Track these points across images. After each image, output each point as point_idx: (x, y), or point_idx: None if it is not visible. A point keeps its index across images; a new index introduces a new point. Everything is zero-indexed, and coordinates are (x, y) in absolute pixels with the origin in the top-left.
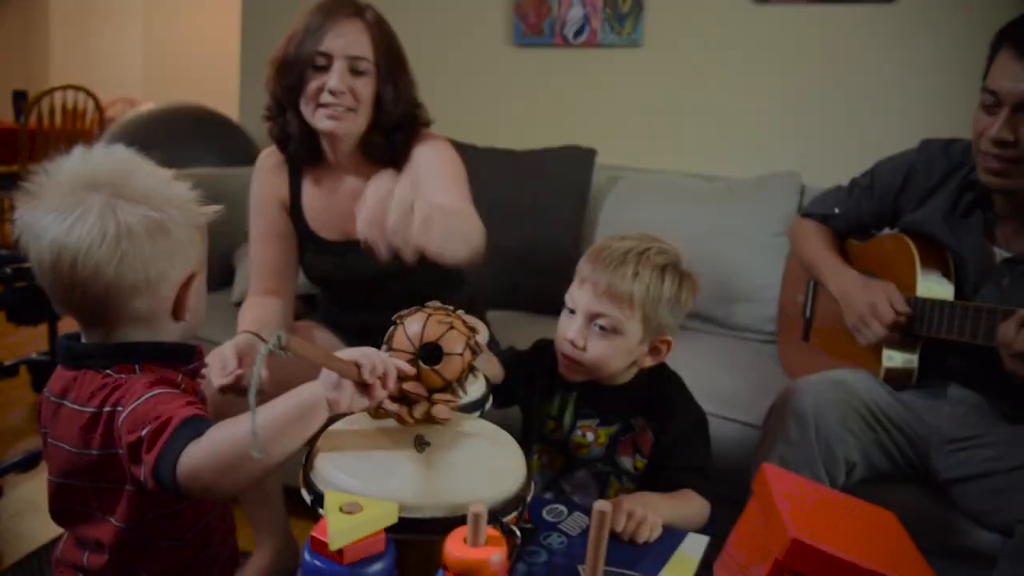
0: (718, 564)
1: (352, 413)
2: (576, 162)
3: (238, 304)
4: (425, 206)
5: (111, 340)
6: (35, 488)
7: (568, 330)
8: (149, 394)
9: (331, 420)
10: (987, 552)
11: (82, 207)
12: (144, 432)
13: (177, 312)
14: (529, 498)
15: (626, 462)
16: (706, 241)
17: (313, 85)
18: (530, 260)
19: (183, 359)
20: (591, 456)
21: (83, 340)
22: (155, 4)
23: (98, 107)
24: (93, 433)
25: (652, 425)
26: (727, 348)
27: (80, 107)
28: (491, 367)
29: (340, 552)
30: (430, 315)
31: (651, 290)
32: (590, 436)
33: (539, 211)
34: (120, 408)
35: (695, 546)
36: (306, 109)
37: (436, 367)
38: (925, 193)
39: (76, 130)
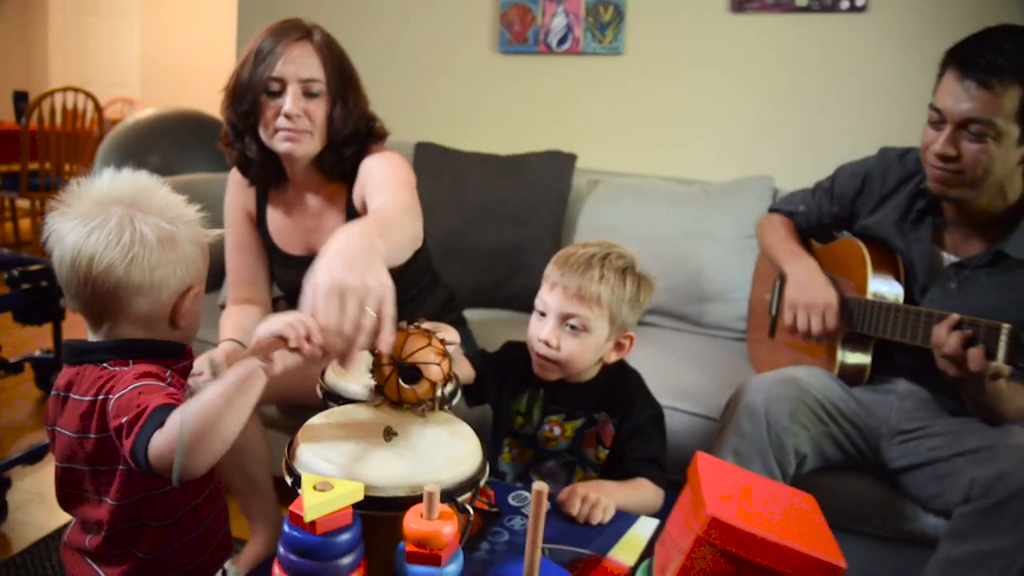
0: (658, 543)
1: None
2: (557, 166)
3: (224, 306)
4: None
5: (112, 338)
6: (41, 480)
7: (541, 332)
8: (135, 384)
9: (318, 408)
10: (933, 536)
11: (103, 217)
12: (125, 420)
13: (174, 318)
14: (483, 482)
15: (590, 453)
16: (681, 243)
17: (270, 110)
18: (512, 260)
19: (173, 356)
20: (558, 448)
21: (88, 339)
22: (152, 5)
23: (97, 108)
24: (90, 420)
25: (613, 419)
26: (698, 346)
27: (80, 108)
28: (463, 368)
29: (313, 524)
30: (409, 334)
31: (615, 291)
32: (557, 430)
33: (521, 213)
34: (111, 396)
35: (645, 528)
36: (264, 133)
37: (413, 385)
38: (880, 199)
39: (76, 131)
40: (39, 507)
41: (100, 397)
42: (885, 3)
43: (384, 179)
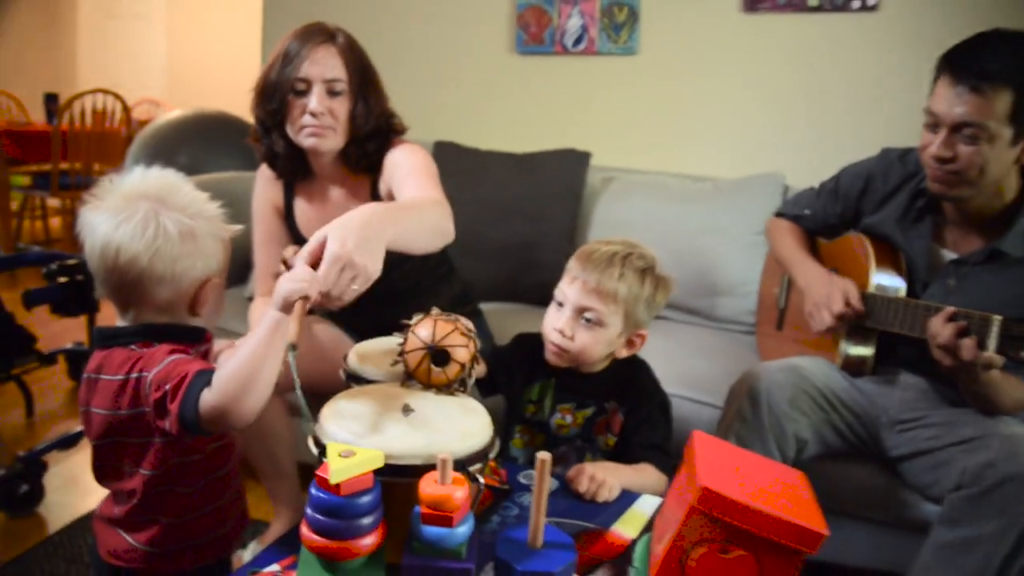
0: (657, 517)
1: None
2: (572, 164)
3: (251, 298)
4: None
5: (138, 323)
6: (74, 465)
7: (557, 322)
8: (169, 359)
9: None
10: (932, 523)
11: (130, 211)
12: (168, 387)
13: (193, 306)
14: (492, 455)
15: (599, 440)
16: (693, 238)
17: (296, 108)
18: (527, 255)
19: (195, 339)
20: (570, 435)
21: (116, 324)
22: (178, 7)
23: (125, 109)
24: (122, 396)
25: (622, 408)
26: (708, 338)
27: (109, 109)
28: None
29: (338, 486)
30: (436, 320)
31: (632, 289)
32: (568, 418)
33: (536, 210)
34: (145, 373)
35: (648, 505)
36: (291, 129)
37: (442, 368)
38: (883, 198)
39: (105, 131)
40: (73, 490)
41: (133, 375)
42: (896, 2)
43: (412, 171)
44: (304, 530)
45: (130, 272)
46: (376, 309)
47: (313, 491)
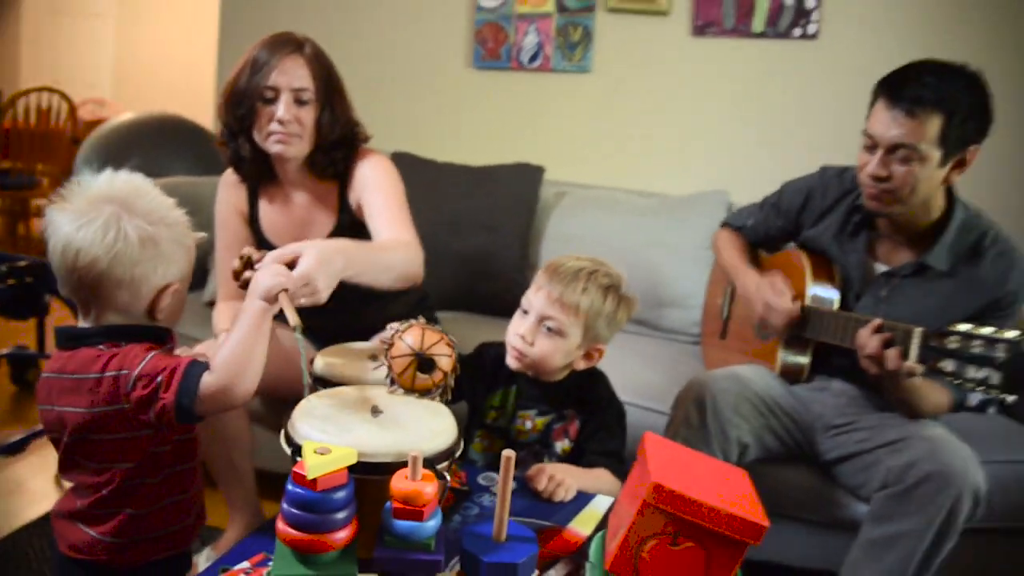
0: (612, 514)
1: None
2: (526, 178)
3: (209, 303)
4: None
5: (100, 324)
6: (20, 471)
7: (520, 328)
8: (150, 355)
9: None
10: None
11: (94, 214)
12: (159, 379)
13: (151, 311)
14: (458, 453)
15: (557, 445)
16: (641, 251)
17: (264, 115)
18: (482, 266)
19: (159, 339)
20: (529, 440)
21: (79, 326)
22: (128, 8)
23: (71, 109)
24: (96, 393)
25: (580, 415)
26: (654, 348)
27: (54, 108)
28: None
29: (315, 482)
30: (424, 329)
31: (594, 304)
32: (529, 424)
33: (491, 222)
34: (126, 371)
35: (601, 505)
36: (259, 136)
37: (429, 373)
38: (821, 213)
39: (49, 130)
40: (19, 497)
41: (109, 373)
42: (834, 33)
43: (386, 201)
44: (280, 524)
45: (89, 274)
46: (337, 314)
47: (290, 487)
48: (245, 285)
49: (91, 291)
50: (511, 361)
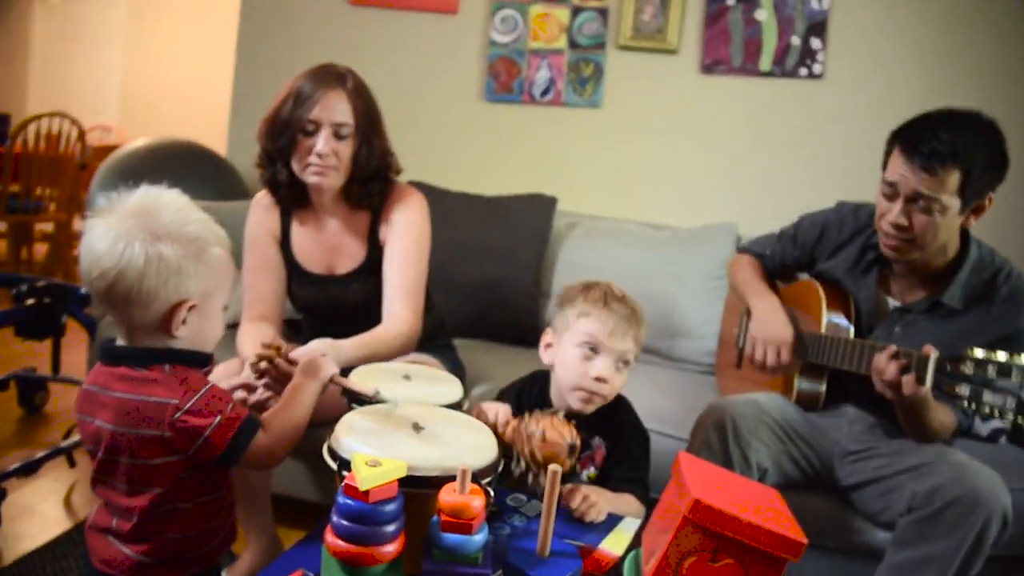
0: (645, 532)
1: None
2: (539, 208)
3: (231, 326)
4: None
5: (132, 343)
6: (34, 493)
7: (599, 370)
8: (205, 388)
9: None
10: (881, 548)
11: (111, 228)
12: (216, 419)
13: (166, 328)
14: (500, 468)
15: (584, 474)
16: (652, 282)
17: (304, 147)
18: (495, 294)
19: (200, 363)
20: None
21: (118, 342)
22: (137, 33)
23: (80, 134)
24: (133, 416)
25: (606, 442)
26: (668, 377)
27: (64, 133)
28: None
29: (367, 493)
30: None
31: (643, 332)
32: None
33: (504, 251)
34: (171, 400)
35: (630, 526)
36: (297, 165)
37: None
38: (836, 247)
39: (58, 155)
40: (31, 519)
41: (152, 399)
42: (840, 73)
43: (402, 269)
44: (329, 537)
45: (100, 287)
46: (362, 330)
47: (341, 499)
48: (266, 374)
49: (111, 305)
50: (584, 406)
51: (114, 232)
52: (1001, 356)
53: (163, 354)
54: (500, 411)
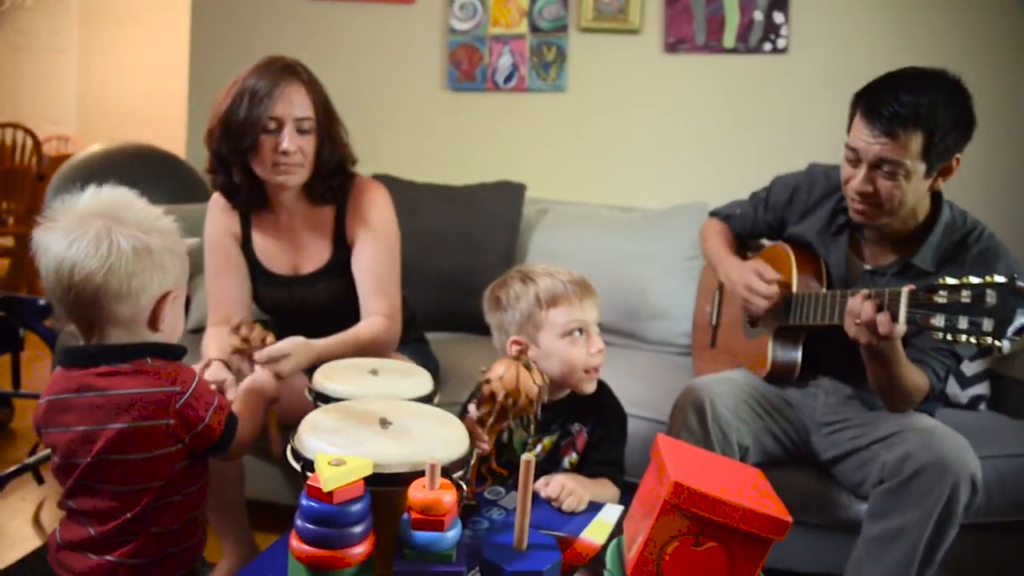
0: (626, 520)
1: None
2: (507, 196)
3: (193, 331)
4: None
5: (105, 342)
6: (1, 511)
7: (595, 345)
8: (197, 378)
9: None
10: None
11: (83, 229)
12: (213, 404)
13: (153, 322)
14: (473, 461)
15: (565, 460)
16: (625, 265)
17: (267, 146)
18: (466, 285)
19: (176, 356)
20: (538, 460)
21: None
22: (90, 42)
23: (36, 145)
24: (144, 408)
25: (586, 427)
26: (642, 360)
27: (19, 144)
28: None
29: (331, 494)
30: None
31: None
32: (538, 447)
33: (474, 240)
34: (178, 388)
35: (611, 514)
36: (261, 167)
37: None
38: (806, 209)
39: (13, 167)
40: None
41: (156, 389)
42: (803, 47)
43: (374, 265)
44: (294, 542)
45: (86, 290)
46: (322, 333)
47: (304, 501)
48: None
49: (90, 308)
50: (592, 384)
51: (90, 234)
52: (974, 279)
53: (145, 348)
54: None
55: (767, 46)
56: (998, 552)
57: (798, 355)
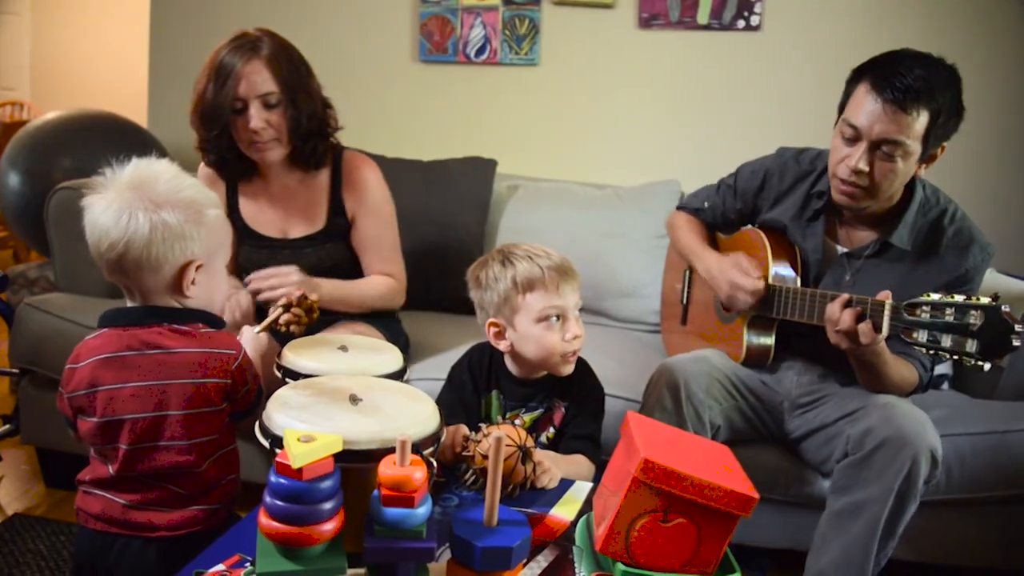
0: (596, 496)
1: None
2: (478, 172)
3: None
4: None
5: (148, 304)
6: None
7: (575, 329)
8: (244, 347)
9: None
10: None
11: (114, 200)
12: (250, 378)
13: (177, 288)
14: (443, 439)
15: (543, 436)
16: (597, 243)
17: (239, 125)
18: (437, 263)
19: (217, 326)
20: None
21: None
22: (43, 4)
23: None
24: (211, 367)
25: (564, 402)
26: (613, 337)
27: None
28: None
29: (300, 471)
30: (517, 428)
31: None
32: (518, 423)
33: (445, 217)
34: (233, 351)
35: (581, 490)
36: (241, 145)
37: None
38: (778, 195)
39: None
40: None
41: (218, 350)
42: (777, 24)
43: (379, 235)
44: (263, 519)
45: (111, 259)
46: None
47: (273, 478)
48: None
49: (123, 274)
50: (569, 367)
51: (116, 205)
52: (958, 298)
53: (194, 313)
54: (457, 434)
55: (740, 23)
56: (957, 529)
57: (771, 340)
